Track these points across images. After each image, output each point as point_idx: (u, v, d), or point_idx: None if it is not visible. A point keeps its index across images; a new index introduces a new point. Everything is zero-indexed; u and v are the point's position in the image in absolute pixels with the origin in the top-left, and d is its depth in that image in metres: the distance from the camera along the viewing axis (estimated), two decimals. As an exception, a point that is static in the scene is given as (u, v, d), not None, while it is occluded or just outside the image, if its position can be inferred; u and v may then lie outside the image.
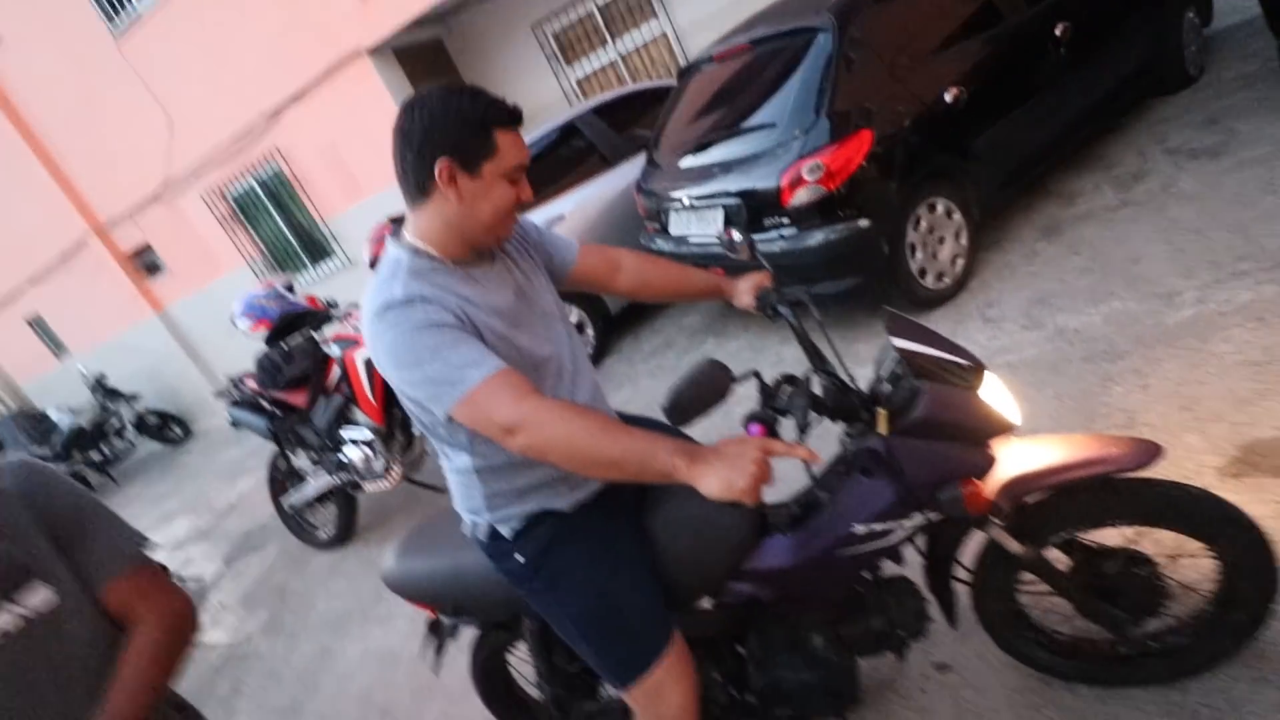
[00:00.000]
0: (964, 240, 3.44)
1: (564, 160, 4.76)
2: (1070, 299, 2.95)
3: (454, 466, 1.40)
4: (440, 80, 6.93)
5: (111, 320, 9.84)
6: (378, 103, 6.79)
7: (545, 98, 7.47)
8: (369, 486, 3.65)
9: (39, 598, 1.07)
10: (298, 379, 3.49)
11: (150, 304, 9.59)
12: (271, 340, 3.55)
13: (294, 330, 3.61)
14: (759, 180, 3.32)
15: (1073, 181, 3.84)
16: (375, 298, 1.21)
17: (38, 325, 10.77)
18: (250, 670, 3.35)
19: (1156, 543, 1.48)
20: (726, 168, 3.53)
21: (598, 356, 4.68)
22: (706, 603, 1.60)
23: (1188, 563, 1.49)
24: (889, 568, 1.57)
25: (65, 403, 9.06)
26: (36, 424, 8.80)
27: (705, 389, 1.28)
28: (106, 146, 8.37)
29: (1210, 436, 2.04)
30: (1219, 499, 1.39)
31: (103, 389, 8.84)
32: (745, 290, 1.59)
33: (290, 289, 3.72)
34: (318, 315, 3.62)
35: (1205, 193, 3.17)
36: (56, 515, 1.12)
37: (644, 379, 4.21)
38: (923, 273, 3.34)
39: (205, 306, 9.01)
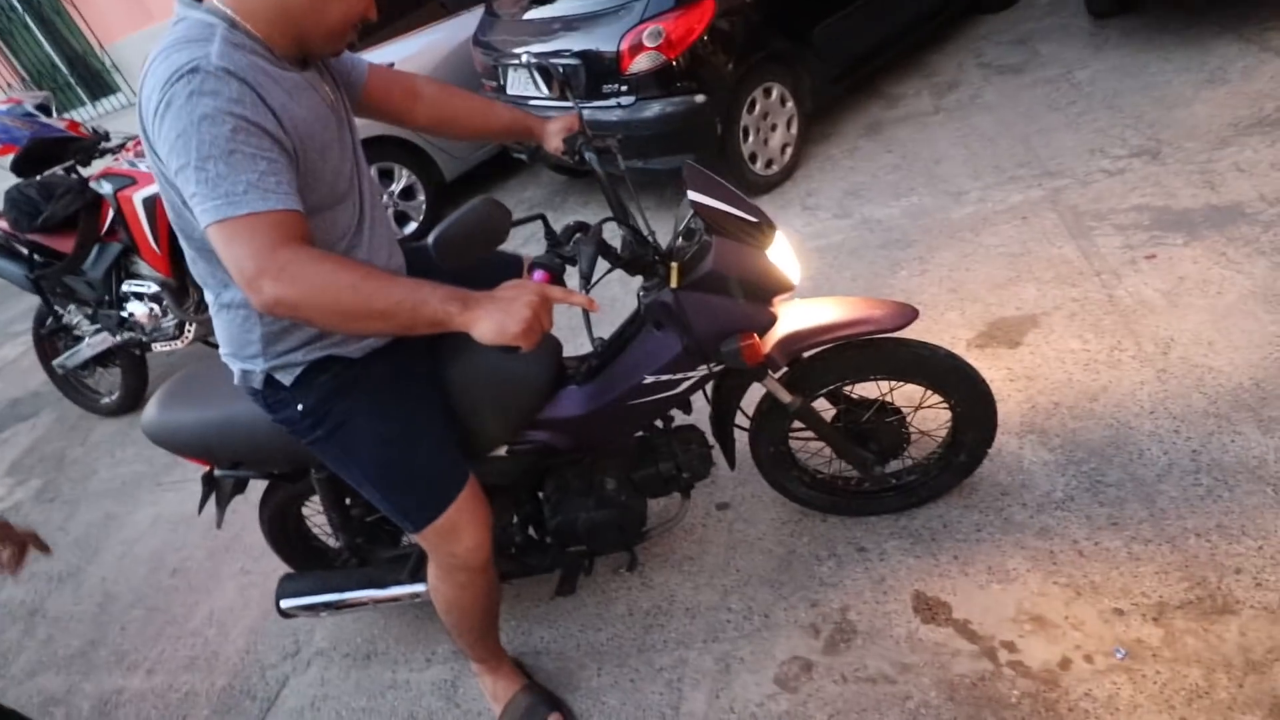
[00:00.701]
0: (794, 130, 3.54)
1: (397, 2, 4.27)
2: (878, 192, 3.16)
3: (226, 300, 1.24)
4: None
5: None
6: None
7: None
8: (159, 347, 3.29)
9: None
10: (61, 220, 2.97)
11: None
12: (22, 170, 2.98)
13: (54, 162, 3.05)
14: (600, 41, 3.18)
15: (898, 85, 4.04)
16: (177, 56, 0.99)
17: None
18: (18, 541, 3.03)
19: (904, 395, 1.69)
20: (569, 24, 3.34)
21: (429, 225, 4.43)
22: (503, 450, 1.63)
23: (927, 413, 1.72)
24: (679, 417, 1.67)
25: None
26: None
27: (479, 230, 1.12)
28: None
29: (966, 313, 2.33)
30: (960, 359, 1.60)
31: None
32: (555, 132, 1.53)
33: (45, 109, 3.10)
34: (82, 144, 3.06)
35: (1003, 105, 3.48)
36: None
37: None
38: (753, 158, 3.41)
39: (-54, 138, 7.41)
